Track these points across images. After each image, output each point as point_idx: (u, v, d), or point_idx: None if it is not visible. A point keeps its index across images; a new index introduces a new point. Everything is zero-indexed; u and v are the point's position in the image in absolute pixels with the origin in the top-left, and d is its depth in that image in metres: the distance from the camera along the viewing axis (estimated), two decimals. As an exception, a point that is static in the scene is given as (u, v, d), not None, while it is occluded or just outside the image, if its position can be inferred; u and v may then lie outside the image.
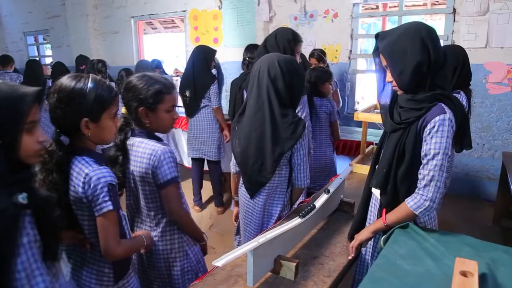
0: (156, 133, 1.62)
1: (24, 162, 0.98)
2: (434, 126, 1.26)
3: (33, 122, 0.98)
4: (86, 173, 1.22)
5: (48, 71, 6.69)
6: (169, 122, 1.57)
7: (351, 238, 1.62)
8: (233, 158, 1.94)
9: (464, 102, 2.25)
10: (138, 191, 1.58)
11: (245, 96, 2.41)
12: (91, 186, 1.21)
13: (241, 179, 1.94)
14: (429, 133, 1.28)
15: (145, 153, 1.50)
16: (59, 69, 5.27)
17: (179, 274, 1.62)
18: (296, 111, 1.98)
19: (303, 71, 1.98)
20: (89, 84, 1.23)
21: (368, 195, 1.58)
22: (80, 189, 1.23)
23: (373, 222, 1.51)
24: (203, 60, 3.53)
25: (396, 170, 1.36)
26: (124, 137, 1.57)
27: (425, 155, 1.30)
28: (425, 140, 1.29)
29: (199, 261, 1.71)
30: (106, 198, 1.23)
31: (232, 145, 1.91)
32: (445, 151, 1.27)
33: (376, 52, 1.40)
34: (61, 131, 1.27)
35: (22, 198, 0.94)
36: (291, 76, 1.76)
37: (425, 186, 1.30)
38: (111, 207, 1.23)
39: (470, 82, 2.43)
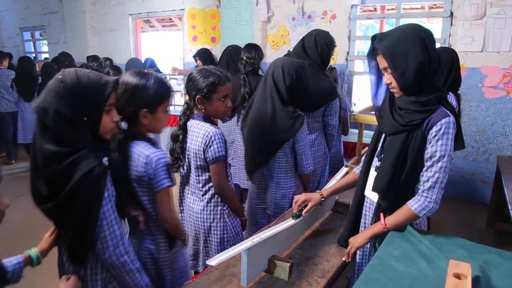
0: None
1: (102, 137, 1.21)
2: (440, 129, 1.27)
3: (111, 105, 1.21)
4: (147, 155, 1.42)
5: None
6: (222, 109, 1.80)
7: (344, 243, 1.59)
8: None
9: (454, 103, 2.26)
10: (190, 164, 1.83)
11: None
12: (153, 166, 1.41)
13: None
14: (435, 136, 1.28)
15: (200, 133, 1.74)
16: (50, 67, 5.26)
17: (218, 242, 1.83)
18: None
19: (308, 76, 2.10)
20: (151, 81, 1.45)
21: (361, 200, 1.55)
22: (142, 169, 1.43)
23: (369, 226, 1.48)
24: (238, 61, 3.45)
25: (401, 173, 1.35)
26: (186, 119, 1.83)
27: (430, 157, 1.29)
28: (430, 143, 1.29)
29: (238, 233, 1.89)
30: (165, 176, 1.43)
31: (242, 132, 2.27)
32: (449, 153, 1.28)
33: (371, 54, 1.39)
34: (122, 118, 1.44)
35: (105, 160, 1.17)
36: (292, 81, 2.00)
37: (429, 188, 1.30)
38: (170, 183, 1.45)
39: (460, 85, 2.41)
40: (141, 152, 1.44)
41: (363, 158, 1.68)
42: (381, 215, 1.40)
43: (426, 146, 1.31)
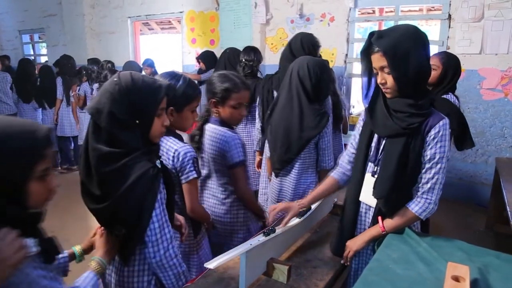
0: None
1: (151, 141, 1.22)
2: (439, 131, 1.28)
3: (163, 109, 1.22)
4: (175, 149, 1.51)
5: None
6: (236, 117, 1.81)
7: (337, 251, 1.54)
8: (267, 143, 2.31)
9: (457, 102, 2.34)
10: (210, 168, 1.87)
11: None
12: (180, 159, 1.51)
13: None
14: (434, 138, 1.28)
15: (217, 138, 1.76)
16: (48, 70, 5.27)
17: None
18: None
19: (331, 73, 2.23)
20: (180, 82, 1.53)
21: (356, 206, 1.50)
22: (170, 162, 1.52)
23: (367, 229, 1.46)
24: (236, 63, 3.45)
25: (402, 176, 1.33)
26: (204, 121, 1.87)
27: (430, 159, 1.30)
28: (429, 145, 1.29)
29: None
30: (192, 168, 1.53)
31: (265, 131, 2.30)
32: (447, 155, 1.29)
33: (366, 51, 1.34)
34: None
35: (158, 163, 1.21)
36: (317, 77, 2.07)
37: (429, 189, 1.31)
38: (196, 175, 1.55)
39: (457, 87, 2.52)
40: (170, 146, 1.53)
41: (340, 160, 1.65)
42: (379, 218, 1.40)
43: (425, 149, 1.31)
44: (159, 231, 1.18)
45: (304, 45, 2.58)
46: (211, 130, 1.80)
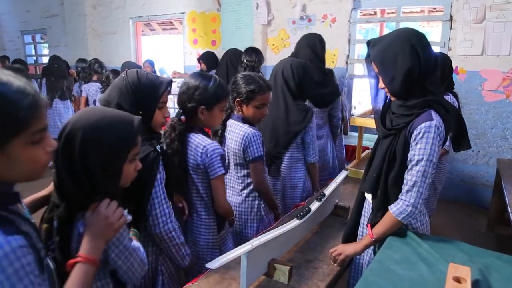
0: None
1: (153, 130, 1.39)
2: (419, 133, 1.27)
3: (164, 102, 1.38)
4: (204, 146, 1.60)
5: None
6: (258, 116, 1.92)
7: (345, 241, 1.60)
8: None
9: (456, 104, 2.37)
10: (229, 161, 1.96)
11: None
12: (208, 156, 1.59)
13: None
14: (415, 139, 1.29)
15: (239, 134, 1.86)
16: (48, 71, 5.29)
17: (254, 233, 1.93)
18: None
19: (313, 73, 2.36)
20: (211, 82, 1.63)
21: (361, 200, 1.58)
22: (199, 158, 1.61)
23: (360, 239, 1.48)
24: (238, 64, 3.45)
25: (387, 175, 1.36)
26: (226, 117, 1.94)
27: (410, 161, 1.30)
28: (411, 146, 1.30)
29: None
30: (220, 165, 1.61)
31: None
32: (429, 158, 1.26)
33: (368, 58, 1.41)
34: (183, 113, 1.67)
35: (158, 148, 1.36)
36: (300, 77, 2.24)
37: (407, 191, 1.30)
38: (223, 171, 1.62)
39: (454, 84, 2.64)
40: (198, 143, 1.62)
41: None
42: (368, 226, 1.41)
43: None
44: (158, 206, 1.33)
45: (323, 45, 2.78)
46: (234, 126, 1.91)
